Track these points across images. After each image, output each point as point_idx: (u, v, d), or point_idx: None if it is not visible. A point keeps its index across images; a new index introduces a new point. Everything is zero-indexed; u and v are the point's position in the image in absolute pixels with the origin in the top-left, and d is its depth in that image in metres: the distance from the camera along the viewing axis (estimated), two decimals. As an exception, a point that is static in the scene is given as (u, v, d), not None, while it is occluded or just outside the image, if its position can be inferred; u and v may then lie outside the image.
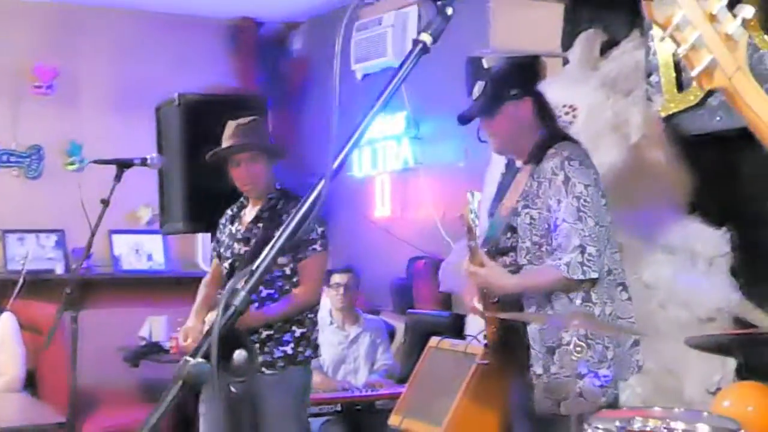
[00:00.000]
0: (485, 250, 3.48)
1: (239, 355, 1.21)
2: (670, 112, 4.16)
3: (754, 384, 3.89)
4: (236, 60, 7.65)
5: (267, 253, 1.32)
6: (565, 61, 4.82)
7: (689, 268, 4.05)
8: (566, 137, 3.55)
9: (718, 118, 3.94)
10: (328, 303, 5.74)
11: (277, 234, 1.36)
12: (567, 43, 4.83)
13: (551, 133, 3.52)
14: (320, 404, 4.97)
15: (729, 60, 1.40)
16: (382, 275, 6.55)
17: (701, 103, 4.02)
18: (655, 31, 4.24)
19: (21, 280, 6.21)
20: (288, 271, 4.04)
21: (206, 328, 4.01)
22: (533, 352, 3.39)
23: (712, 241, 4.01)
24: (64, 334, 6.08)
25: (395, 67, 5.49)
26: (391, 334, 6.13)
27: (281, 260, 3.94)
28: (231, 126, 4.15)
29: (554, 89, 4.42)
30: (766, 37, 3.83)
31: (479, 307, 3.49)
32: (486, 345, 3.60)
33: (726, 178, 3.96)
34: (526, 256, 3.41)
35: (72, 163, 7.17)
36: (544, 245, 3.37)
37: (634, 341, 3.44)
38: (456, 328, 5.26)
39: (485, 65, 4.99)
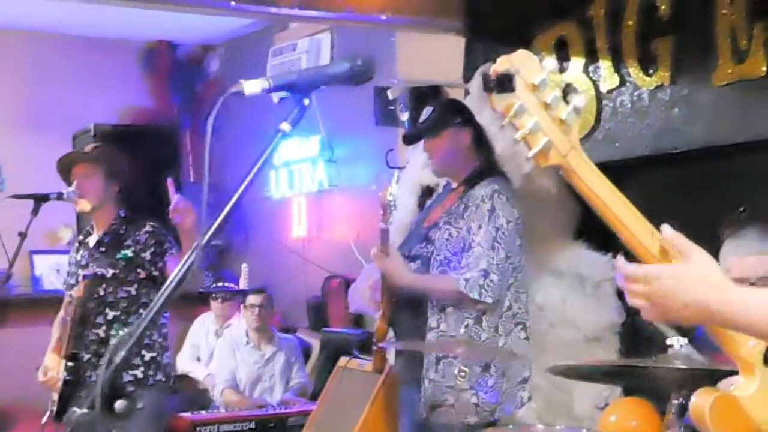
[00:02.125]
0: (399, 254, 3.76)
1: (120, 403, 1.40)
2: (560, 144, 4.43)
3: (637, 400, 4.17)
4: (152, 82, 7.78)
5: (146, 315, 1.51)
6: (467, 92, 5.07)
7: (577, 290, 4.33)
8: (501, 172, 3.85)
9: (600, 152, 4.23)
10: (244, 323, 5.93)
11: (156, 297, 1.53)
12: (468, 74, 5.08)
13: (487, 165, 3.81)
14: (234, 422, 5.14)
15: (563, 141, 1.60)
16: (299, 293, 6.75)
17: (588, 136, 4.30)
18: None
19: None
20: (133, 291, 4.09)
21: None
22: (427, 358, 3.65)
23: (598, 266, 4.30)
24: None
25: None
26: (308, 352, 6.33)
27: (128, 280, 4.06)
28: (87, 146, 4.33)
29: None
30: (645, 77, 4.12)
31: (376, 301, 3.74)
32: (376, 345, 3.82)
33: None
34: (438, 267, 3.70)
35: (-11, 185, 7.24)
36: (454, 261, 3.64)
37: (523, 378, 3.70)
38: (368, 346, 5.47)
39: (390, 96, 5.27)
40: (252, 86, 1.55)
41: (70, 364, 4.02)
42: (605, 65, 4.22)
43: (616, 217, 1.60)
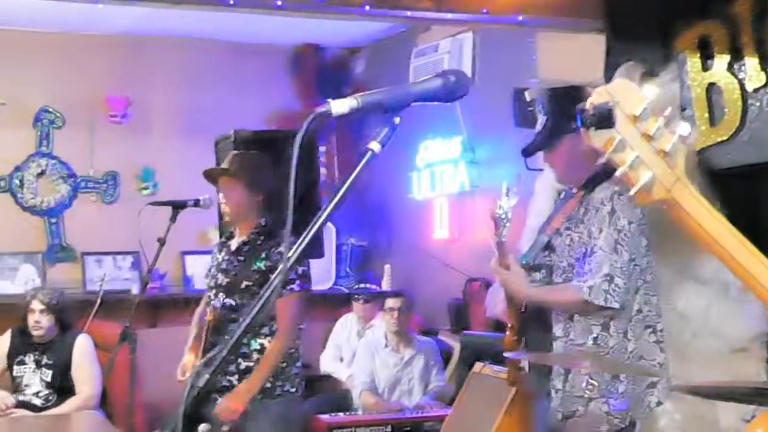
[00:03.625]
0: (522, 263, 3.68)
1: (204, 428, 1.40)
2: (704, 146, 4.24)
3: (786, 413, 3.96)
4: (299, 86, 7.90)
5: (232, 338, 1.50)
6: (608, 92, 4.91)
7: (723, 298, 4.13)
8: None
9: (746, 154, 4.03)
10: (383, 326, 5.94)
11: (244, 318, 1.52)
12: (609, 74, 4.92)
13: (607, 167, 3.68)
14: (370, 425, 5.17)
15: (667, 174, 1.47)
16: (440, 295, 6.72)
17: (732, 137, 4.10)
18: (690, 65, 4.34)
19: (98, 301, 6.53)
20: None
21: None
22: (555, 367, 3.57)
23: (743, 272, 4.08)
24: (133, 353, 6.40)
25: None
26: (448, 355, 6.30)
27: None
28: (229, 155, 4.31)
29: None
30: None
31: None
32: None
33: (753, 210, 4.04)
34: (562, 275, 3.61)
35: (145, 188, 7.50)
36: (576, 267, 3.54)
37: (651, 382, 3.56)
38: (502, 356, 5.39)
39: (527, 98, 5.16)
40: (340, 106, 1.53)
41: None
42: (751, 63, 4.01)
43: (730, 254, 1.46)
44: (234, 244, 4.27)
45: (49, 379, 5.88)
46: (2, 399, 5.80)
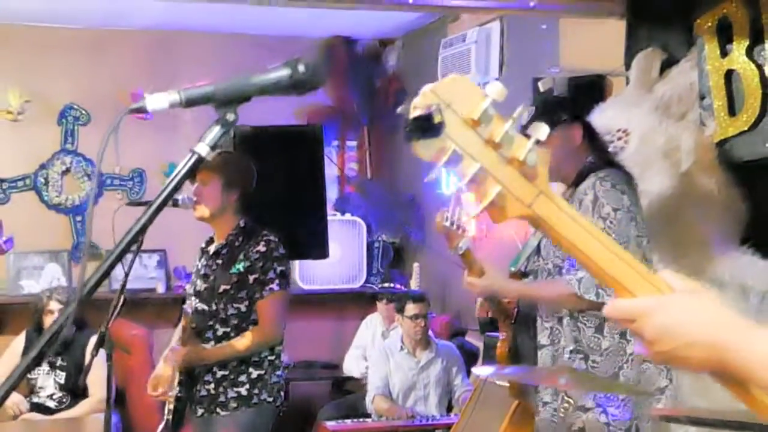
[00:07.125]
0: (511, 270, 3.47)
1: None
2: (724, 137, 3.93)
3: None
4: (330, 79, 7.68)
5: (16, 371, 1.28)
6: (628, 80, 4.62)
7: (740, 303, 3.82)
8: (612, 164, 3.45)
9: None
10: (399, 329, 5.69)
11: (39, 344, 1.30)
12: (629, 60, 4.63)
13: (597, 160, 3.42)
14: (377, 433, 4.95)
15: (525, 187, 1.21)
16: (470, 295, 6.42)
17: (753, 127, 3.78)
18: (708, 50, 4.03)
19: (121, 300, 6.38)
20: (243, 308, 3.87)
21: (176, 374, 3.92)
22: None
23: (764, 275, 3.77)
24: (152, 353, 6.26)
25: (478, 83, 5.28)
26: (476, 356, 6.04)
27: (239, 297, 3.88)
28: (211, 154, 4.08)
29: (609, 112, 4.28)
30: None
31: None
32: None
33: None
34: (547, 278, 3.34)
35: (172, 186, 7.34)
36: (564, 267, 3.28)
37: (658, 388, 3.27)
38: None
39: (541, 88, 4.88)
40: (157, 101, 1.29)
41: (182, 378, 3.92)
42: (772, 47, 3.70)
43: (602, 269, 1.22)
44: (212, 248, 4.07)
45: (62, 381, 5.77)
46: (17, 404, 5.71)
